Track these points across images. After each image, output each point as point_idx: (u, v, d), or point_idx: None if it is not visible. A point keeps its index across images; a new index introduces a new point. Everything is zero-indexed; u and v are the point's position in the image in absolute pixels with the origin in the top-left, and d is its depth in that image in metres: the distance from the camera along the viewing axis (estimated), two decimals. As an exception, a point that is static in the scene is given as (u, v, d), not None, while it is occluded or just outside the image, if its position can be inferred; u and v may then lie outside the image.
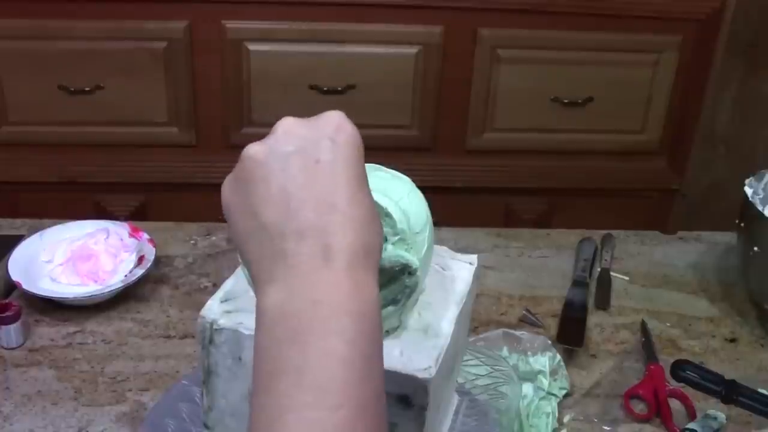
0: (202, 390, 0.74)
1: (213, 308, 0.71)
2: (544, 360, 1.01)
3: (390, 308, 0.68)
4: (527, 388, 0.98)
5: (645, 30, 1.88)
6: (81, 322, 1.07)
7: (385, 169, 0.73)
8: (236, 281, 0.74)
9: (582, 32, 1.87)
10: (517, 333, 1.04)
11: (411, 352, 0.68)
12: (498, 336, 1.04)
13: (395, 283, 0.67)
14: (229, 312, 0.71)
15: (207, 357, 0.72)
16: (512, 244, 1.29)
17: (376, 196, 0.66)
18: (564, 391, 1.00)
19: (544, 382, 0.99)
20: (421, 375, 0.66)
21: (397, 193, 0.69)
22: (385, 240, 0.66)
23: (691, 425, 0.94)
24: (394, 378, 0.66)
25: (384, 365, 0.58)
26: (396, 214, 0.67)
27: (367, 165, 0.72)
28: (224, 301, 0.72)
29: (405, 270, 0.67)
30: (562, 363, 1.02)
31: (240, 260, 0.68)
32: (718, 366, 1.05)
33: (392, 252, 0.66)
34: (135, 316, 1.09)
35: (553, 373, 1.00)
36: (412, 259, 0.66)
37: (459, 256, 0.80)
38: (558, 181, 2.03)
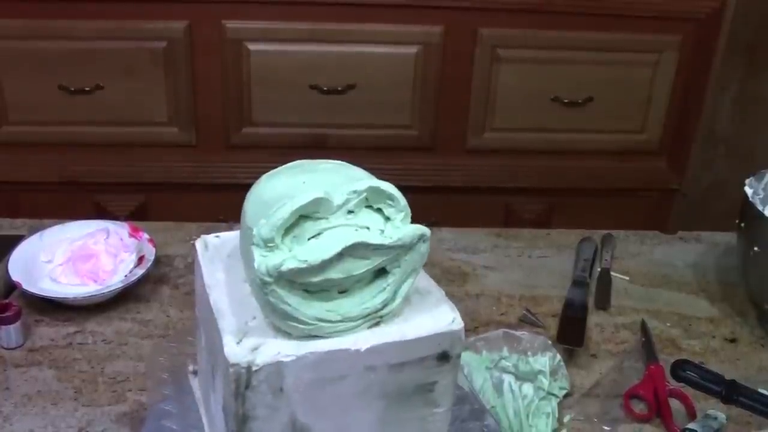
0: None
1: (238, 354, 0.68)
2: (544, 360, 1.02)
3: (410, 280, 0.73)
4: (527, 389, 0.98)
5: (645, 30, 1.88)
6: (81, 322, 1.07)
7: (322, 161, 0.77)
8: (231, 319, 0.72)
9: (582, 32, 1.87)
10: (518, 333, 1.04)
11: (432, 314, 0.74)
12: (498, 336, 1.04)
13: (413, 253, 0.72)
14: (255, 349, 0.69)
15: (242, 404, 0.69)
16: (512, 244, 1.29)
17: (378, 183, 0.68)
18: (564, 391, 1.00)
19: (545, 382, 0.99)
20: (454, 327, 0.73)
21: (364, 174, 0.73)
22: (387, 219, 0.71)
23: (691, 425, 0.94)
24: (432, 340, 0.72)
25: (420, 333, 0.71)
26: (396, 193, 0.71)
27: (302, 162, 0.76)
28: (240, 342, 0.69)
29: (421, 239, 0.71)
30: (562, 363, 1.02)
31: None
32: (718, 366, 1.05)
33: (407, 227, 0.71)
34: (135, 316, 1.09)
35: (553, 373, 1.01)
36: (424, 227, 0.71)
37: None
38: (558, 180, 2.03)
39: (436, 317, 0.74)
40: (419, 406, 0.76)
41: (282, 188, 0.71)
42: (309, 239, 0.68)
